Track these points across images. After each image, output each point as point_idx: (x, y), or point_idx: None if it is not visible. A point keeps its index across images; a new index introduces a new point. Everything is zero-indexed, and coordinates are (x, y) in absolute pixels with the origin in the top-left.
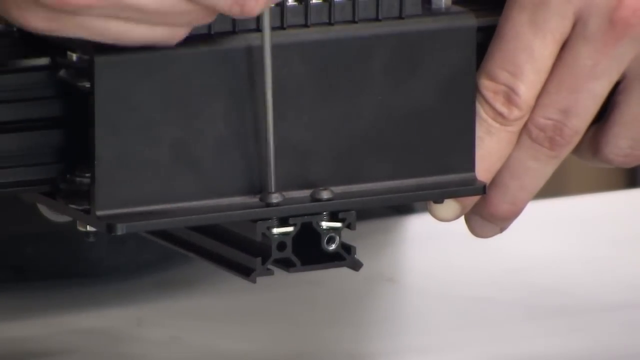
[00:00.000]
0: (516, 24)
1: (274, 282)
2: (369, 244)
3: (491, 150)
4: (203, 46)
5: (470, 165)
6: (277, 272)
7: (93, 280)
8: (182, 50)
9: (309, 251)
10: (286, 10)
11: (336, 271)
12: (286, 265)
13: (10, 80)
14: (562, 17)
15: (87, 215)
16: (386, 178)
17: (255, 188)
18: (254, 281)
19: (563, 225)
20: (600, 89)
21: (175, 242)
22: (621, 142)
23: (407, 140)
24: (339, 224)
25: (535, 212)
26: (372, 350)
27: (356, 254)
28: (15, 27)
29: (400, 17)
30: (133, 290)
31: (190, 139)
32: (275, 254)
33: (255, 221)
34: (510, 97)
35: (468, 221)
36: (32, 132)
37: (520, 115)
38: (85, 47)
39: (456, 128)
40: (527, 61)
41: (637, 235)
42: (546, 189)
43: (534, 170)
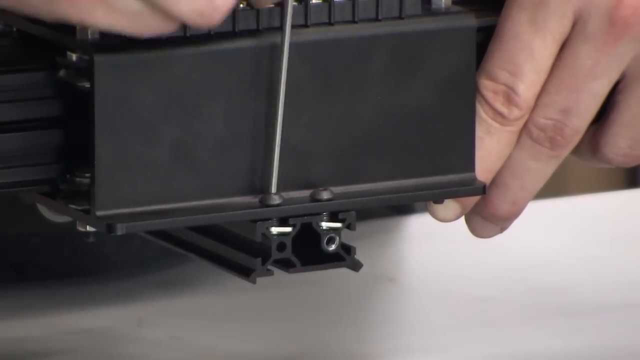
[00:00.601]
0: (516, 23)
1: (273, 282)
2: (369, 244)
3: (491, 150)
4: (203, 46)
5: (470, 166)
6: (277, 273)
7: (93, 280)
8: (182, 51)
9: (309, 252)
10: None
11: (336, 271)
12: (286, 265)
13: (10, 80)
14: (561, 16)
15: (86, 215)
16: (386, 178)
17: (255, 188)
18: (253, 282)
19: (563, 225)
20: (600, 88)
21: (175, 243)
22: (620, 142)
23: (406, 140)
24: (338, 225)
25: (535, 212)
26: (372, 350)
27: (356, 254)
28: (14, 27)
29: (400, 17)
30: (133, 289)
31: (190, 139)
32: (275, 255)
33: (255, 221)
34: (510, 96)
35: (468, 221)
36: (32, 132)
37: (520, 115)
38: (85, 47)
39: (456, 128)
40: (527, 61)
41: (637, 235)
42: (546, 189)
43: (534, 170)
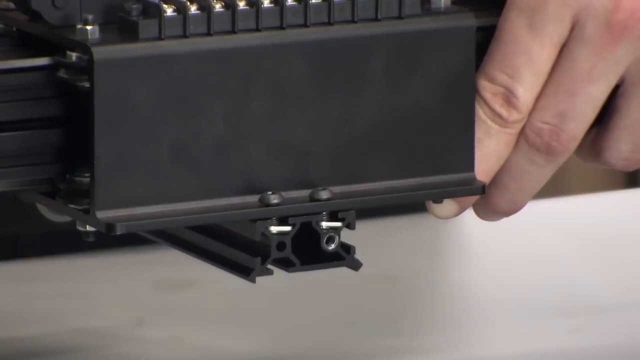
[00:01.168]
0: (514, 27)
1: (273, 282)
2: (369, 244)
3: (490, 151)
4: (202, 46)
5: (470, 165)
6: (277, 272)
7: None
8: (181, 50)
9: (309, 251)
10: (285, 10)
11: (336, 271)
12: (285, 265)
13: (10, 80)
14: (559, 20)
15: (86, 215)
16: (385, 178)
17: (254, 188)
18: (253, 281)
19: (563, 225)
20: (598, 92)
21: (175, 242)
22: (622, 146)
23: (406, 140)
24: (338, 224)
25: (535, 212)
26: (372, 350)
27: (356, 254)
28: (14, 27)
29: (399, 17)
30: (133, 289)
31: (189, 138)
32: (275, 254)
33: (254, 221)
34: (508, 99)
35: (474, 207)
36: (32, 132)
37: (519, 117)
38: (84, 47)
39: (455, 128)
40: (526, 64)
41: (637, 235)
42: (546, 189)
43: (532, 173)
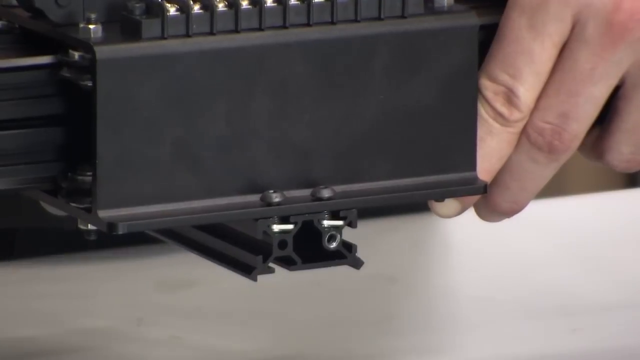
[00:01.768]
0: (515, 27)
1: (273, 282)
2: (369, 244)
3: (492, 150)
4: (205, 45)
5: (472, 165)
6: (277, 273)
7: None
8: (184, 49)
9: (310, 249)
10: (288, 9)
11: (336, 271)
12: (287, 263)
13: (13, 79)
14: (560, 20)
15: (88, 213)
16: (387, 177)
17: (256, 187)
18: (254, 279)
19: (563, 225)
20: (599, 93)
21: (177, 240)
22: (623, 148)
23: (408, 139)
24: (340, 222)
25: (535, 212)
26: (372, 350)
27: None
28: (17, 24)
29: (402, 16)
30: (133, 289)
31: (191, 137)
32: (276, 252)
33: (256, 219)
34: (510, 98)
35: (475, 207)
36: (34, 130)
37: (520, 117)
38: (87, 46)
39: (458, 127)
40: (527, 64)
41: (637, 235)
42: (546, 189)
43: (533, 172)
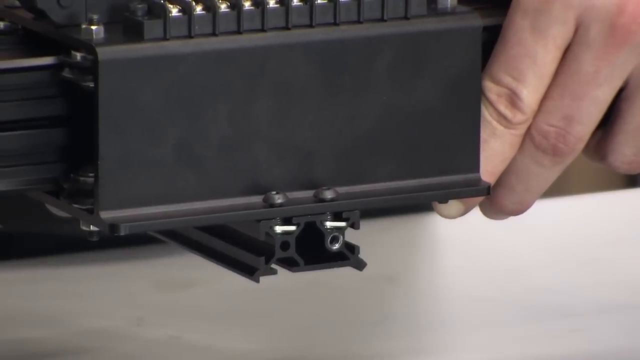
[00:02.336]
0: (519, 29)
1: (273, 282)
2: (369, 244)
3: (495, 152)
4: (207, 46)
5: (475, 166)
6: (278, 273)
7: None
8: (186, 50)
9: (313, 251)
10: (291, 10)
11: (336, 271)
12: (290, 264)
13: (15, 79)
14: (563, 23)
15: (90, 214)
16: (390, 178)
17: (258, 188)
18: (257, 280)
19: (563, 225)
20: (603, 95)
21: (180, 241)
22: (626, 150)
23: (411, 140)
24: (342, 224)
25: (535, 212)
26: (372, 350)
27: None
28: (20, 25)
29: (405, 18)
30: (133, 289)
31: (194, 139)
32: (279, 254)
33: (258, 221)
34: (513, 100)
35: (480, 205)
36: (36, 131)
37: (524, 119)
38: (89, 47)
39: (461, 128)
40: (530, 67)
41: (637, 235)
42: (546, 189)
43: (538, 174)
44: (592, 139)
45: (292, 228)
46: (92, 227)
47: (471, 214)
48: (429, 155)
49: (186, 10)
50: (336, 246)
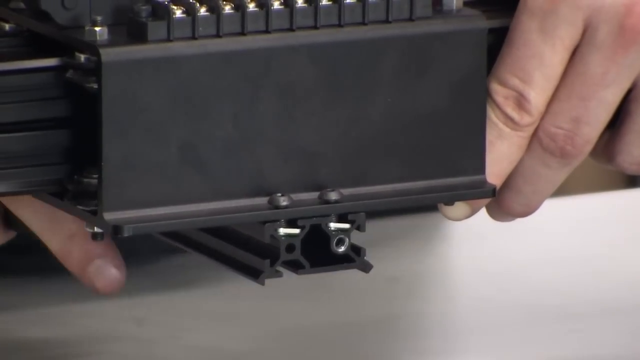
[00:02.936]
0: (526, 30)
1: (274, 282)
2: (370, 244)
3: (502, 154)
4: (212, 48)
5: (481, 168)
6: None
7: None
8: (190, 52)
9: (318, 253)
10: (295, 12)
11: (339, 271)
12: (295, 267)
13: (19, 81)
14: (571, 24)
15: (94, 216)
16: (395, 180)
17: (263, 190)
18: (262, 283)
19: (563, 225)
20: (611, 97)
21: (184, 242)
22: (634, 151)
23: (417, 142)
24: (347, 226)
25: (536, 213)
26: (372, 350)
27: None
28: (25, 27)
29: (410, 19)
30: (133, 289)
31: (198, 140)
32: (284, 256)
33: (263, 223)
34: (520, 102)
35: (487, 207)
36: (40, 133)
37: (531, 121)
38: (93, 48)
39: (466, 130)
40: (537, 68)
41: (637, 235)
42: None
43: (546, 176)
44: (600, 140)
45: (297, 231)
46: (96, 229)
47: (474, 215)
48: (434, 158)
49: (190, 11)
50: (342, 249)
